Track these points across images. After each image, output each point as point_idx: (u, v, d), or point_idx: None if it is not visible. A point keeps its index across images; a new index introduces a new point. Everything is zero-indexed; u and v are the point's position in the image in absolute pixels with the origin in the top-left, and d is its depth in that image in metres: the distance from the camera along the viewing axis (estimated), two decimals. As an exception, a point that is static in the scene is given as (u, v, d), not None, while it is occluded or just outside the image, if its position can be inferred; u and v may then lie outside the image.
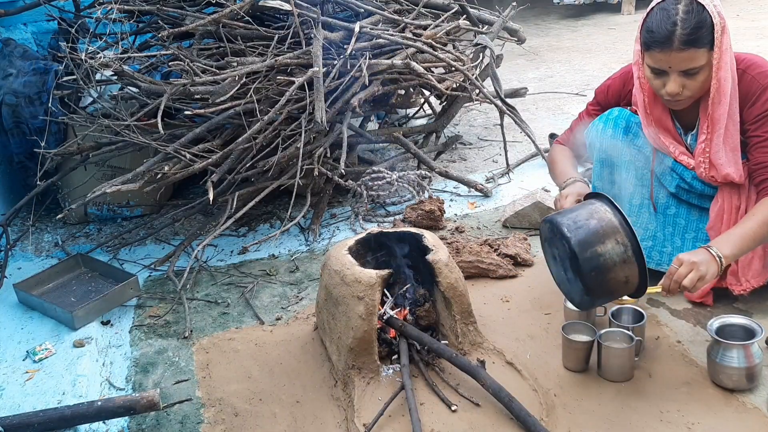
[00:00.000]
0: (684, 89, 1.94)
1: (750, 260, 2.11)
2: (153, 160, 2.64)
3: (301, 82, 2.64)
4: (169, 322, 2.38)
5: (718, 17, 1.88)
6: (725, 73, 1.92)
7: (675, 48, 1.87)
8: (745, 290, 2.11)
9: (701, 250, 1.87)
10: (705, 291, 2.18)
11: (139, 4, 2.91)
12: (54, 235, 3.14)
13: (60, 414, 1.76)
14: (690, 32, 1.86)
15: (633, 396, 1.85)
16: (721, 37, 1.88)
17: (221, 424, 1.87)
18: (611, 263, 1.76)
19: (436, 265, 2.00)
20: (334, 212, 3.15)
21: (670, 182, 2.19)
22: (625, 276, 1.78)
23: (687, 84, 1.93)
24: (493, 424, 1.77)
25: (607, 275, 1.76)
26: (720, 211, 2.11)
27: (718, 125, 1.98)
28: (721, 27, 1.88)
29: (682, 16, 1.87)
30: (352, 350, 1.93)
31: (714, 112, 1.97)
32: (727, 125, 1.98)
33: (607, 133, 2.20)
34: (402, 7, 3.48)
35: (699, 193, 2.16)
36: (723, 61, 1.91)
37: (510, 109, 3.36)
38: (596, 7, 7.49)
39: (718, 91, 1.94)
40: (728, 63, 1.92)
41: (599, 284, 1.78)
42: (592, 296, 1.81)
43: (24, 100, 3.06)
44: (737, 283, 2.13)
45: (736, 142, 2.01)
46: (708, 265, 1.82)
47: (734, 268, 2.13)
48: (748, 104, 1.98)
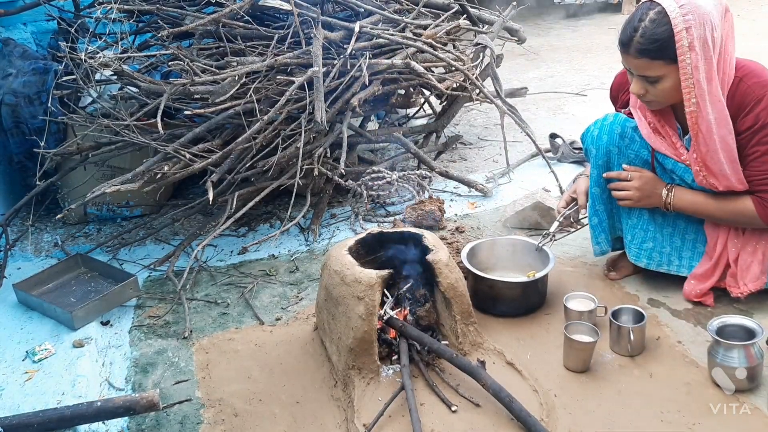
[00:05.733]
0: (647, 93, 1.97)
1: (749, 265, 2.10)
2: (153, 160, 2.63)
3: (301, 81, 2.63)
4: (168, 323, 2.38)
5: (686, 34, 1.82)
6: (699, 89, 1.88)
7: (631, 54, 1.91)
8: (742, 293, 2.11)
9: (659, 185, 2.13)
10: (704, 291, 2.18)
11: (138, 4, 2.91)
12: (53, 235, 3.14)
13: (59, 414, 1.76)
14: (645, 43, 1.87)
15: (633, 396, 1.84)
16: (688, 53, 1.84)
17: (221, 425, 1.87)
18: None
19: (436, 265, 2.00)
20: (334, 212, 3.15)
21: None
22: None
23: (648, 89, 1.96)
24: (493, 425, 1.77)
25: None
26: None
27: (701, 136, 1.95)
28: (688, 43, 1.83)
29: (646, 24, 1.86)
30: (352, 350, 1.92)
31: (693, 123, 1.95)
32: (724, 137, 1.94)
33: (602, 140, 2.20)
34: (402, 6, 3.48)
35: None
36: (695, 77, 1.86)
37: (510, 109, 3.36)
38: (597, 7, 7.48)
39: (695, 103, 1.90)
40: (702, 79, 1.87)
41: None
42: None
43: (23, 99, 3.06)
44: (735, 285, 2.13)
45: (734, 155, 1.97)
46: (649, 199, 2.13)
47: (733, 271, 2.13)
48: (741, 114, 1.94)
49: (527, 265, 2.35)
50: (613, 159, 2.20)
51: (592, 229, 2.34)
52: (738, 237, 2.12)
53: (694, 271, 2.20)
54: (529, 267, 2.33)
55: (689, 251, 2.22)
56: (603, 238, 2.33)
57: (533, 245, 2.36)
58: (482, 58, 3.54)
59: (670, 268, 2.24)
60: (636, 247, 2.24)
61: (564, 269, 2.46)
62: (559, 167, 3.29)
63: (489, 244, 2.44)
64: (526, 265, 2.36)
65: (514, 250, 2.42)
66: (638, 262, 2.26)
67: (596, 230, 2.32)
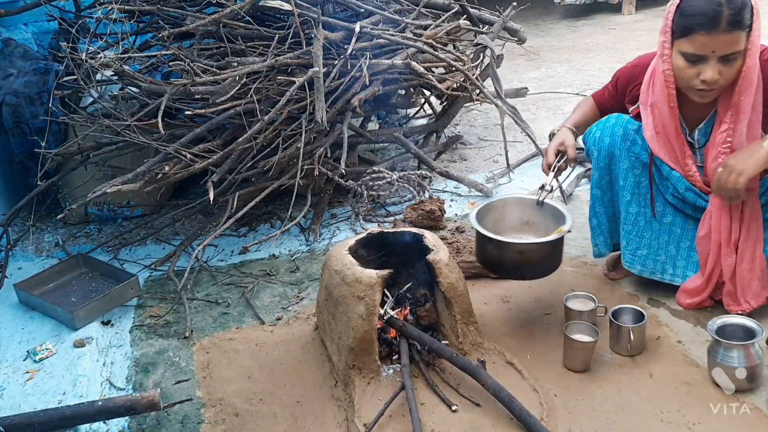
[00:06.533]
0: (720, 76, 1.87)
1: (749, 281, 2.07)
2: (153, 160, 2.64)
3: (301, 82, 2.64)
4: (169, 322, 2.39)
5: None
6: (755, 59, 1.87)
7: (722, 29, 1.79)
8: (744, 311, 2.07)
9: (752, 145, 1.90)
10: (693, 305, 2.16)
11: (139, 4, 2.91)
12: (54, 235, 3.14)
13: (60, 414, 1.76)
14: (736, 12, 1.79)
15: (633, 396, 1.85)
16: (755, 20, 1.83)
17: (221, 424, 1.87)
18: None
19: (436, 265, 2.00)
20: (334, 212, 3.15)
21: (666, 190, 2.17)
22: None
23: (723, 71, 1.86)
24: (493, 424, 1.77)
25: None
26: (708, 221, 2.07)
27: (744, 113, 1.92)
28: (756, 9, 1.83)
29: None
30: (353, 350, 1.93)
31: (741, 100, 1.90)
32: (750, 116, 1.92)
33: (604, 141, 2.18)
34: (402, 7, 3.48)
35: (692, 204, 2.13)
36: (755, 46, 1.85)
37: (510, 109, 3.36)
38: (597, 7, 7.48)
39: (745, 78, 1.88)
40: (758, 49, 1.87)
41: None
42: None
43: (24, 100, 3.07)
44: (734, 303, 2.10)
45: (758, 134, 1.94)
46: (746, 161, 1.86)
47: (731, 289, 2.09)
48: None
49: (532, 223, 2.22)
50: (615, 161, 2.18)
51: (591, 230, 2.34)
52: (731, 255, 2.06)
53: (685, 285, 2.18)
54: (531, 224, 2.21)
55: (683, 260, 2.20)
56: (601, 240, 2.32)
57: (529, 201, 2.22)
58: (482, 58, 3.54)
59: (663, 276, 2.22)
60: (630, 253, 2.23)
61: (564, 269, 2.46)
62: (560, 167, 3.29)
63: (485, 209, 2.22)
64: (529, 222, 2.23)
65: (510, 210, 2.26)
66: (632, 268, 2.24)
67: (595, 232, 2.32)
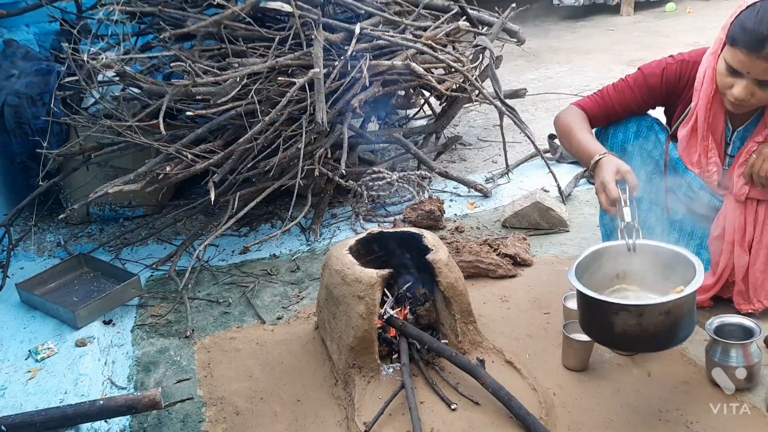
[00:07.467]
0: (752, 97, 1.85)
1: (762, 281, 2.07)
2: (155, 160, 2.65)
3: (302, 83, 2.65)
4: (170, 322, 2.40)
5: None
6: None
7: (762, 55, 1.76)
8: (756, 310, 2.07)
9: None
10: (700, 303, 2.16)
11: (140, 6, 2.92)
12: (56, 235, 3.15)
13: (62, 413, 1.77)
14: None
15: (632, 395, 1.86)
16: None
17: (222, 423, 1.88)
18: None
19: (436, 264, 2.01)
20: (334, 212, 3.16)
21: (679, 188, 2.17)
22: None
23: (757, 93, 1.85)
24: (492, 423, 1.78)
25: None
26: (722, 222, 2.07)
27: None
28: None
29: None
30: (353, 349, 1.94)
31: None
32: None
33: (617, 137, 2.19)
34: (402, 8, 3.49)
35: (706, 204, 2.13)
36: None
37: (509, 110, 3.37)
38: (595, 9, 7.50)
39: None
40: None
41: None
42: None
43: (26, 100, 3.07)
44: (745, 302, 2.10)
45: None
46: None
47: (742, 288, 2.09)
48: None
49: (627, 274, 1.87)
50: (628, 157, 2.14)
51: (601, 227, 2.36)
52: (745, 255, 2.05)
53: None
54: (625, 276, 1.87)
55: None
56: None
57: (616, 249, 1.87)
58: (482, 59, 3.55)
59: None
60: None
61: (563, 269, 2.47)
62: (558, 168, 3.30)
63: (578, 271, 1.81)
64: (619, 276, 1.88)
65: (601, 261, 1.89)
66: None
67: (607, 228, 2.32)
